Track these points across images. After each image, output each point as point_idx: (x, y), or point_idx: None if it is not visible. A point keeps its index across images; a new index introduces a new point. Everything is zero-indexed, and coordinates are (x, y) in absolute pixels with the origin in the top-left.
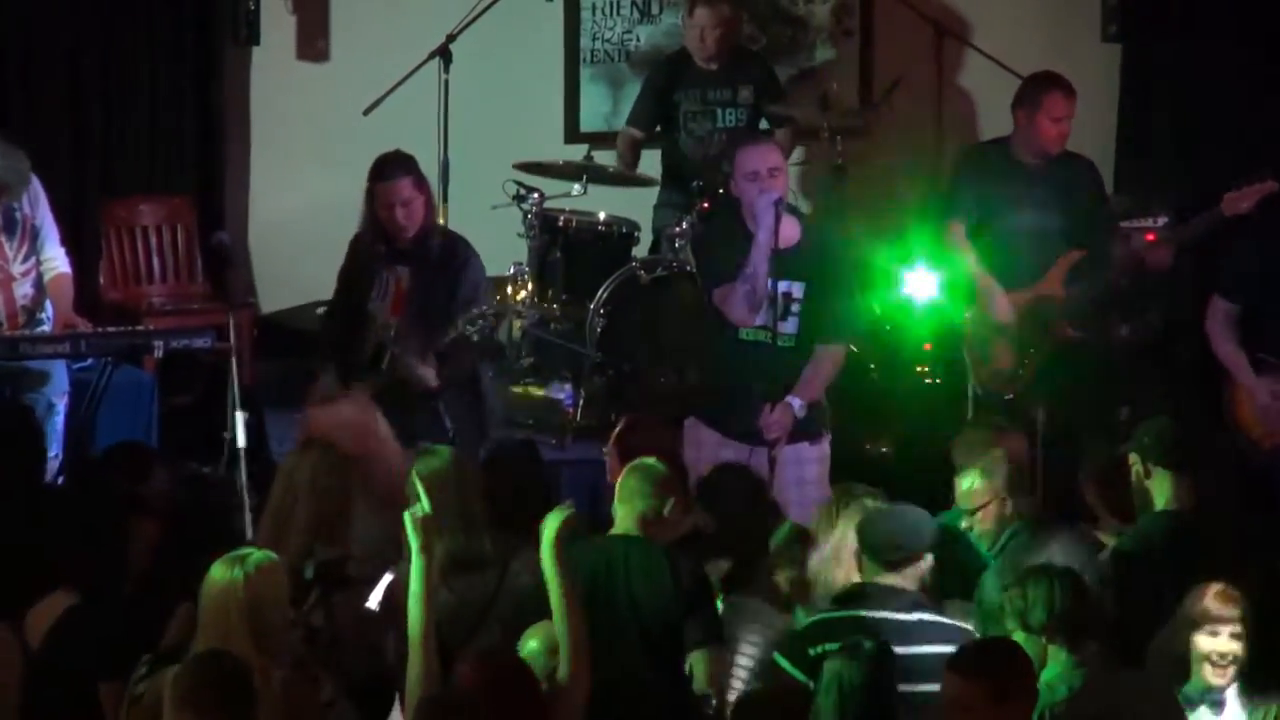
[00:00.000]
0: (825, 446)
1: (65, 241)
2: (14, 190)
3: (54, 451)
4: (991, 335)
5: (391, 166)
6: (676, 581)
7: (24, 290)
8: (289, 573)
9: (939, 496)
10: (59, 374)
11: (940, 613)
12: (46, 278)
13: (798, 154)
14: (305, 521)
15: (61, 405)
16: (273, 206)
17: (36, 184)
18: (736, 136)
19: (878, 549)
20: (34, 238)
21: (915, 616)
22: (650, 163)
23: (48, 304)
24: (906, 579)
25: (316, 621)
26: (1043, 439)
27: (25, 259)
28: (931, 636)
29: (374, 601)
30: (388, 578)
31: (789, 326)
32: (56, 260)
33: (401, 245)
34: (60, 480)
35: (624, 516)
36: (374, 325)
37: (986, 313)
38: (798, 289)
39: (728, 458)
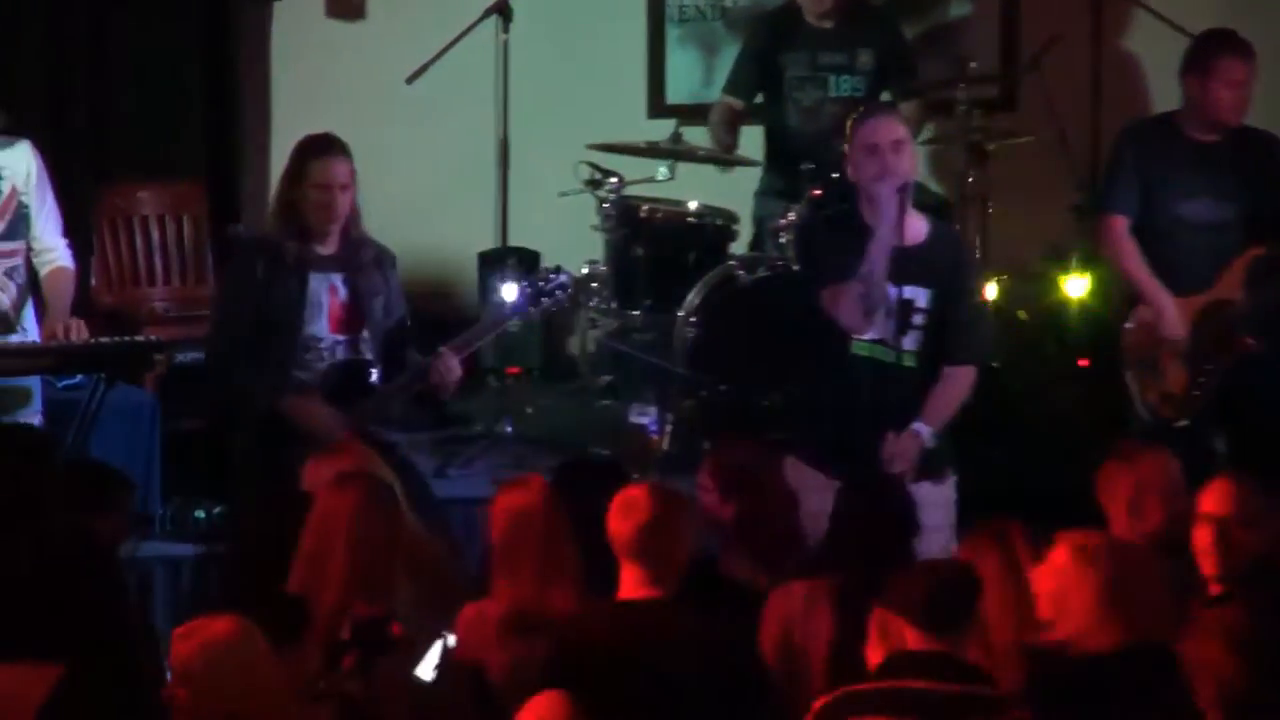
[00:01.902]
0: (950, 488)
1: None
2: None
3: None
4: (1159, 350)
5: (331, 143)
6: None
7: None
8: (323, 631)
9: None
10: (35, 394)
11: None
12: (43, 271)
13: (927, 130)
14: (343, 572)
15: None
16: None
17: (35, 156)
18: (854, 108)
19: None
20: (20, 218)
21: None
22: (752, 142)
23: (29, 309)
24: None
25: (354, 690)
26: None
27: (4, 237)
28: None
29: (425, 669)
30: (442, 642)
31: (910, 342)
32: (57, 252)
33: (322, 248)
34: None
35: None
36: (320, 348)
37: (1153, 323)
38: (923, 296)
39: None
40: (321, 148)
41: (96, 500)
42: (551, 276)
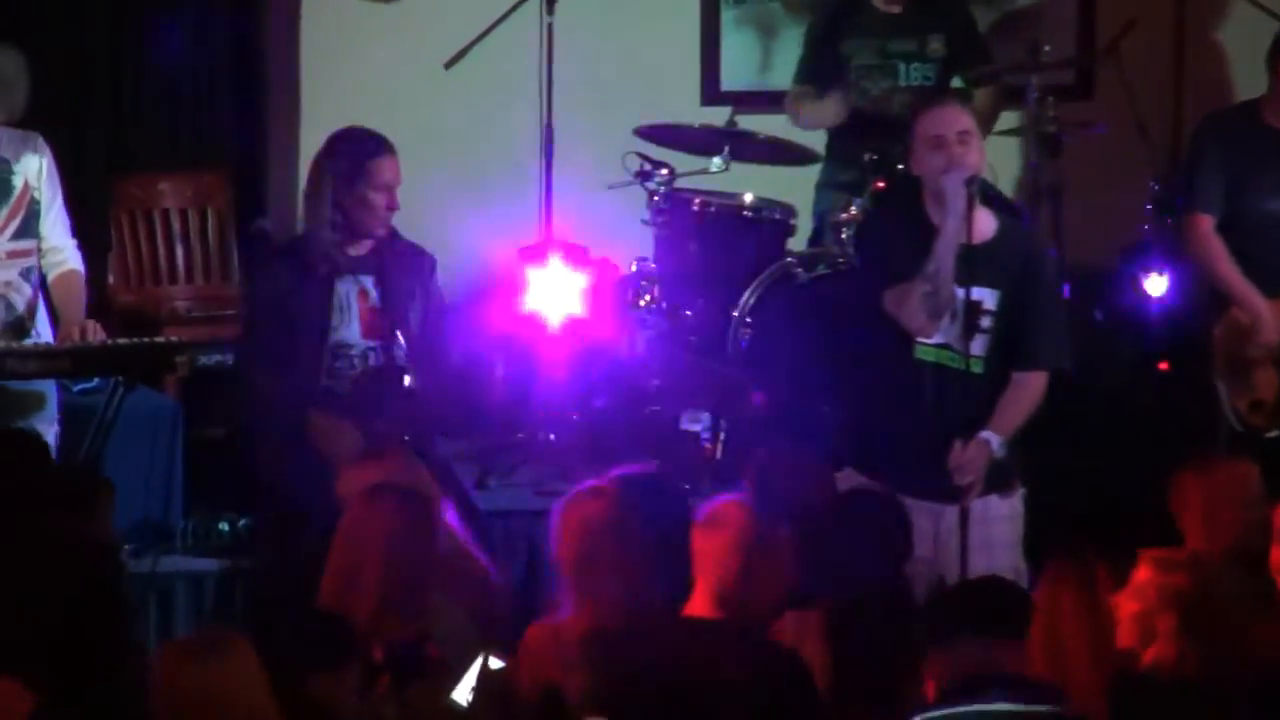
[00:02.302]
0: (1018, 502)
1: None
2: (5, 88)
3: None
4: (1250, 356)
5: (386, 143)
6: None
7: (7, 276)
8: (356, 654)
9: None
10: (49, 398)
11: None
12: (51, 274)
13: (999, 120)
14: (375, 590)
15: (51, 435)
16: None
17: (47, 152)
18: (922, 97)
19: None
20: (33, 214)
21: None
22: (814, 133)
23: (41, 311)
24: None
25: (388, 716)
26: None
27: (18, 236)
28: None
29: (463, 692)
30: (480, 663)
31: (978, 346)
32: (66, 253)
33: (353, 249)
34: None
35: None
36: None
37: (1244, 327)
38: (991, 298)
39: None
40: (380, 147)
41: (76, 504)
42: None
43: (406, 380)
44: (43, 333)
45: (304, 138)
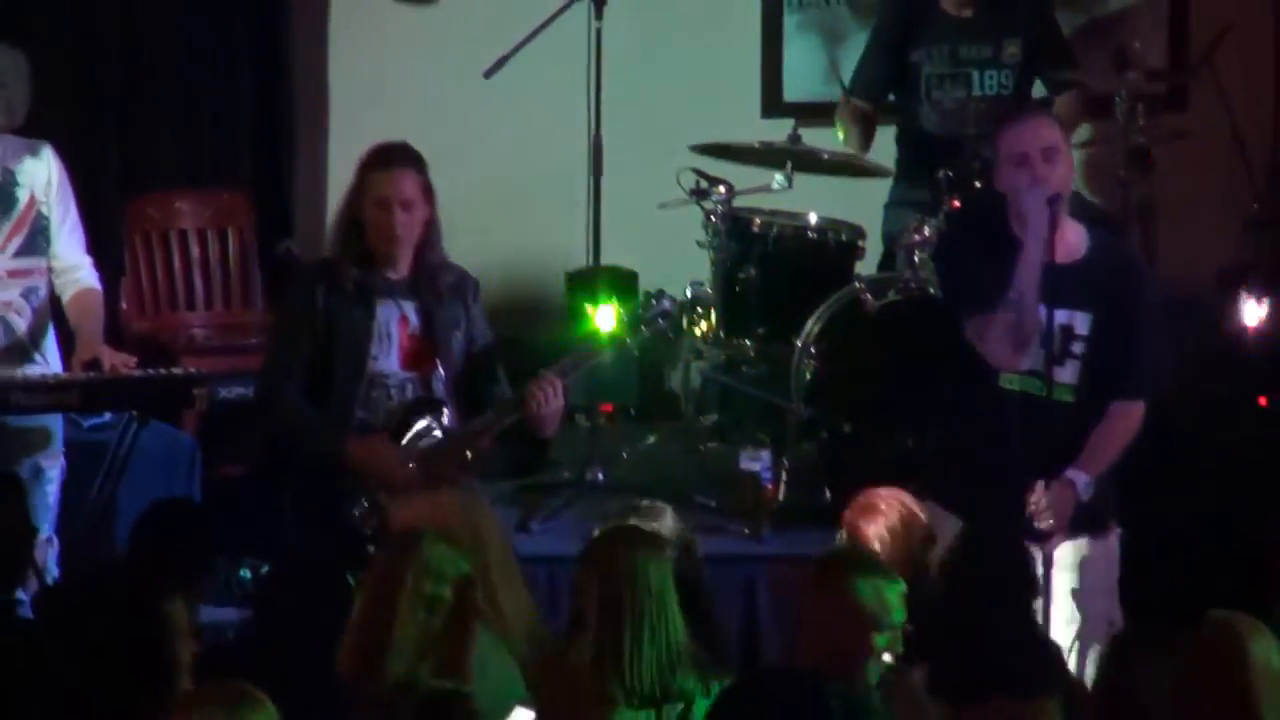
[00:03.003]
0: (1113, 542)
1: None
2: (7, 91)
3: (45, 533)
4: None
5: (397, 154)
6: None
7: (7, 296)
8: (384, 712)
9: None
10: (55, 431)
11: None
12: (66, 294)
13: (1084, 132)
14: (406, 642)
15: (55, 471)
16: None
17: (56, 162)
18: (999, 109)
19: None
20: (39, 230)
21: None
22: (883, 146)
23: (50, 337)
24: None
25: None
26: None
27: (21, 253)
28: None
29: None
30: (519, 715)
31: (1068, 374)
32: (82, 271)
33: (391, 273)
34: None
35: None
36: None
37: None
38: (1081, 321)
39: None
40: (383, 158)
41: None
42: (652, 301)
43: (445, 415)
44: (50, 360)
45: (332, 153)
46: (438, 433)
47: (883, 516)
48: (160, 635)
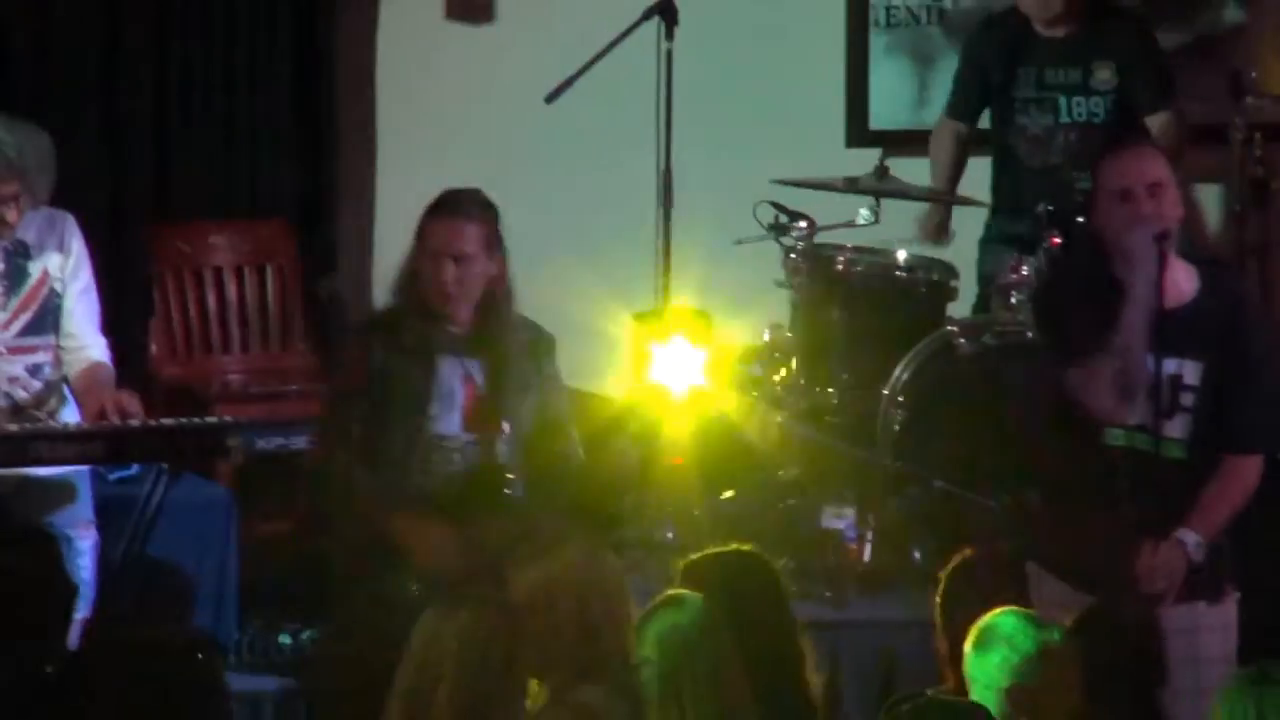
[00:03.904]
0: (1231, 608)
1: (99, 288)
2: (29, 180)
3: (81, 612)
4: None
5: (458, 203)
6: None
7: (12, 372)
8: None
9: None
10: (83, 493)
11: None
12: (73, 369)
13: (1192, 163)
14: (454, 714)
15: (89, 543)
16: (409, 238)
17: (76, 235)
18: (1090, 137)
19: None
20: (50, 310)
21: None
22: (979, 177)
23: (71, 409)
24: None
25: None
26: None
27: (27, 332)
28: None
29: None
30: None
31: (1178, 427)
32: (93, 349)
33: (454, 327)
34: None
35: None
36: (449, 449)
37: None
38: (1191, 370)
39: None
40: (443, 206)
41: None
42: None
43: (510, 483)
44: (66, 416)
45: (380, 183)
46: None
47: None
48: None
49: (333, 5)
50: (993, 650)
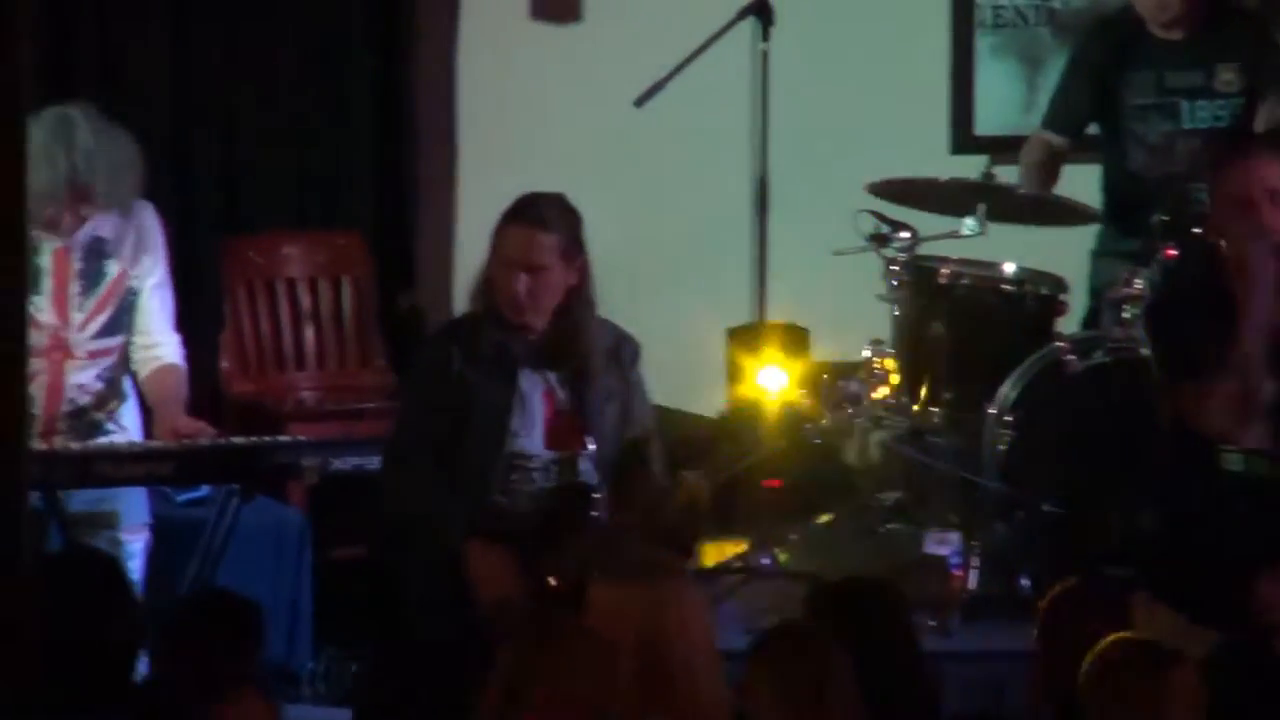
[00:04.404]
0: None
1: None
2: (95, 196)
3: None
4: None
5: (534, 209)
6: None
7: (83, 378)
8: None
9: None
10: (134, 497)
11: None
12: (144, 370)
13: None
14: None
15: (139, 545)
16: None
17: (156, 226)
18: (1215, 145)
19: None
20: (126, 307)
21: None
22: (1088, 185)
23: (131, 410)
24: None
25: None
26: None
27: (103, 333)
28: None
29: None
30: None
31: None
32: (165, 347)
33: (536, 338)
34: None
35: None
36: (530, 468)
37: None
38: None
39: None
40: (517, 212)
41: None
42: (839, 384)
43: (594, 503)
44: (127, 425)
45: (461, 191)
46: None
47: None
48: None
49: (412, 4)
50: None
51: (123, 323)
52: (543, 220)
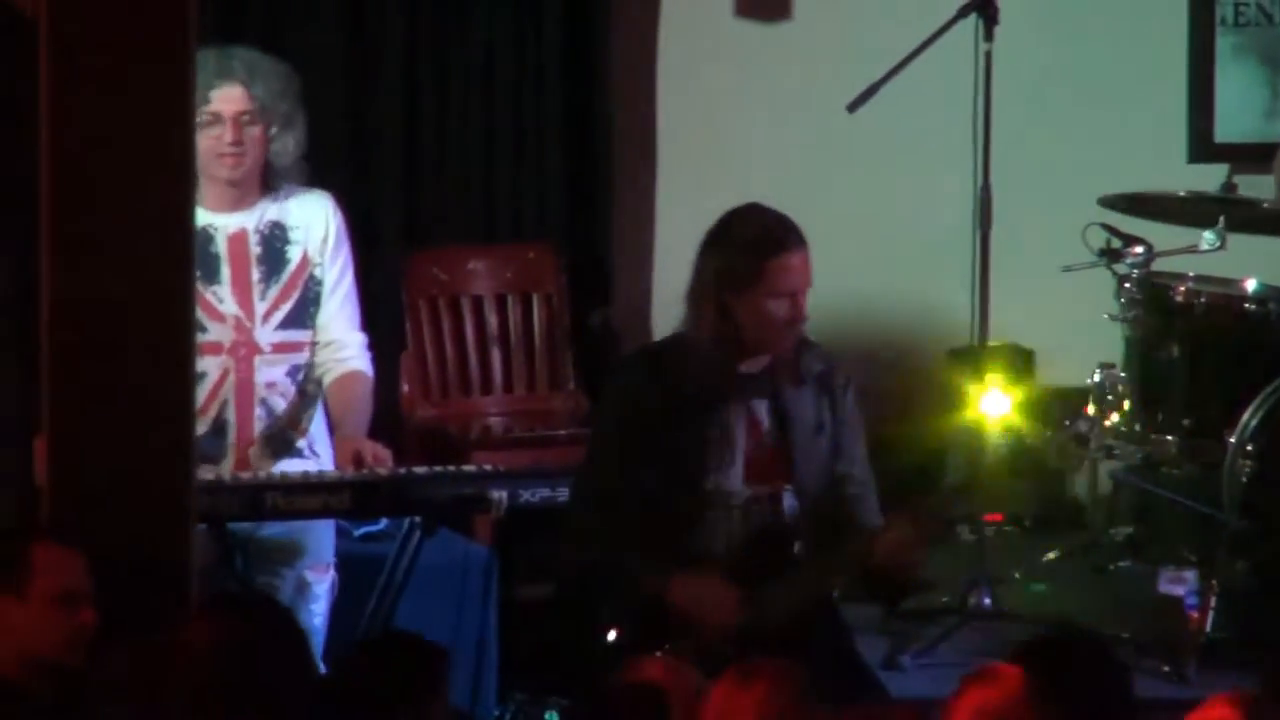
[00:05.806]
0: None
1: None
2: (262, 103)
3: None
4: None
5: (792, 229)
6: None
7: (272, 375)
8: None
9: None
10: (321, 534)
11: None
12: (329, 376)
13: None
14: None
15: (325, 587)
16: (691, 262)
17: (336, 216)
18: None
19: None
20: (310, 299)
21: None
22: None
23: (320, 421)
24: None
25: None
26: None
27: (288, 324)
28: None
29: None
30: None
31: None
32: (351, 350)
33: (748, 365)
34: None
35: None
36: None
37: None
38: None
39: None
40: (785, 241)
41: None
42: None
43: (797, 545)
44: (321, 454)
45: (659, 202)
46: None
47: None
48: None
49: (609, 1)
50: None
51: (308, 314)
52: (804, 240)
